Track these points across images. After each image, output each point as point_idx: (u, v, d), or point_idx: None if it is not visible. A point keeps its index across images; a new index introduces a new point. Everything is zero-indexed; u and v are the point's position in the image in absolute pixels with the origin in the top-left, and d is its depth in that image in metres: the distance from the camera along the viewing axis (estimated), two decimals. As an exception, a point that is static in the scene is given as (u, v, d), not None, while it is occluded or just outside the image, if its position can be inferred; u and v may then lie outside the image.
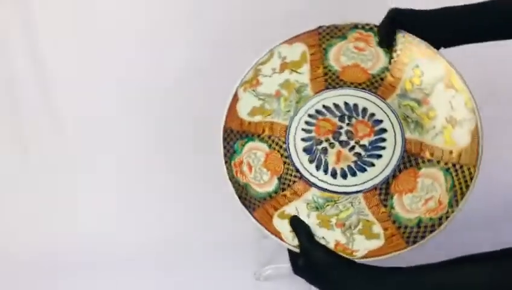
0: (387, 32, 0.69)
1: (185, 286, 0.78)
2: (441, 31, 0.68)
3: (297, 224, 0.64)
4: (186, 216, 0.90)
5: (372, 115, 0.70)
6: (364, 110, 0.70)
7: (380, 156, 0.68)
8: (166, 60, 0.93)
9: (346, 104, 0.71)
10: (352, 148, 0.69)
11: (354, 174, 0.67)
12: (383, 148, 0.68)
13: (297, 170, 0.69)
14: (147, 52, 0.93)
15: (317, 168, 0.69)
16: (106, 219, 0.91)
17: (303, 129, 0.71)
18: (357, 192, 0.66)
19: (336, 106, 0.71)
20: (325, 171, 0.68)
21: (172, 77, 0.93)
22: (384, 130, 0.69)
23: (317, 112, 0.72)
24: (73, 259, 0.85)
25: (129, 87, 0.95)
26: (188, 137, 0.84)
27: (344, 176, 0.67)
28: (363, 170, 0.67)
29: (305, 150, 0.70)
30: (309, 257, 0.61)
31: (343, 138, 0.70)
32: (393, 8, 0.70)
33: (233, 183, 0.66)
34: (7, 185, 0.94)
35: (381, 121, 0.69)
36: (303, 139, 0.70)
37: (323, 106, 0.72)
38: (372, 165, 0.67)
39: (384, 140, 0.68)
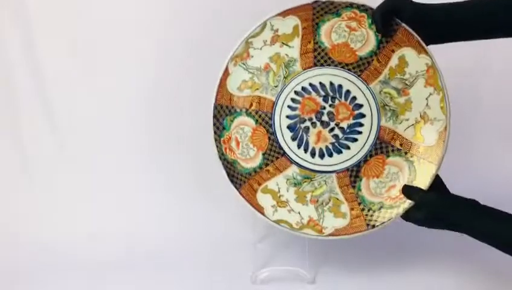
0: (381, 17, 0.70)
1: (183, 288, 0.79)
2: (435, 26, 0.69)
3: (407, 189, 0.71)
4: (184, 218, 0.91)
5: (354, 98, 0.74)
6: (348, 92, 0.74)
7: (355, 139, 0.74)
8: (164, 58, 0.91)
9: (331, 84, 0.75)
10: (332, 129, 0.75)
11: (330, 155, 0.75)
12: (360, 132, 0.74)
13: (281, 147, 0.75)
14: (143, 47, 0.91)
15: (299, 146, 0.75)
16: (106, 220, 0.92)
17: (288, 106, 0.75)
18: (331, 172, 0.75)
19: (322, 85, 0.75)
20: (305, 150, 0.75)
21: (169, 75, 0.92)
22: (363, 115, 0.74)
23: (304, 89, 0.75)
24: (73, 259, 0.86)
25: (128, 87, 0.94)
26: (187, 139, 0.84)
27: (322, 155, 0.75)
28: (339, 152, 0.74)
29: (288, 127, 0.75)
30: (427, 206, 0.67)
31: (325, 118, 0.75)
32: None
33: (222, 161, 0.73)
34: (7, 185, 0.95)
35: (361, 106, 0.74)
36: (288, 117, 0.75)
37: (310, 84, 0.75)
38: (348, 148, 0.74)
39: (361, 125, 0.74)
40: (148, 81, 0.94)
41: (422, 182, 0.71)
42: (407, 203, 0.70)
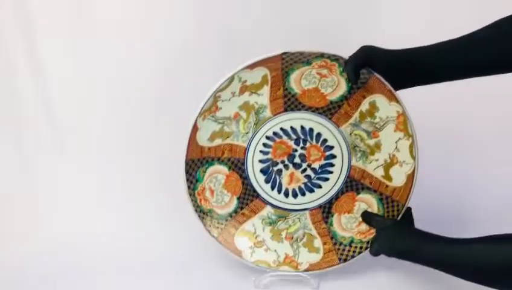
0: (354, 70, 0.67)
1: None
2: (408, 73, 0.69)
3: (367, 215, 0.74)
4: (186, 219, 0.85)
5: (325, 140, 0.74)
6: (319, 135, 0.74)
7: (327, 179, 0.76)
8: (164, 58, 0.91)
9: (302, 128, 0.74)
10: (304, 170, 0.76)
11: (303, 194, 0.77)
12: (331, 172, 0.76)
13: (255, 190, 0.76)
14: (144, 47, 0.91)
15: (272, 188, 0.76)
16: (106, 220, 0.91)
17: (261, 151, 0.75)
18: (305, 209, 0.77)
19: (293, 129, 0.74)
20: (279, 191, 0.76)
21: (170, 74, 0.92)
22: (334, 156, 0.75)
23: (275, 134, 0.74)
24: (73, 260, 0.85)
25: (128, 87, 0.92)
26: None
27: (295, 195, 0.77)
28: (312, 191, 0.76)
29: (261, 171, 0.76)
30: (384, 232, 0.70)
31: (297, 160, 0.75)
32: (366, 45, 0.68)
33: (198, 214, 0.75)
34: (7, 185, 0.93)
35: (332, 147, 0.75)
36: (260, 161, 0.76)
37: (281, 129, 0.74)
38: (320, 187, 0.76)
39: (332, 165, 0.75)
40: (148, 81, 0.92)
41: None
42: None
